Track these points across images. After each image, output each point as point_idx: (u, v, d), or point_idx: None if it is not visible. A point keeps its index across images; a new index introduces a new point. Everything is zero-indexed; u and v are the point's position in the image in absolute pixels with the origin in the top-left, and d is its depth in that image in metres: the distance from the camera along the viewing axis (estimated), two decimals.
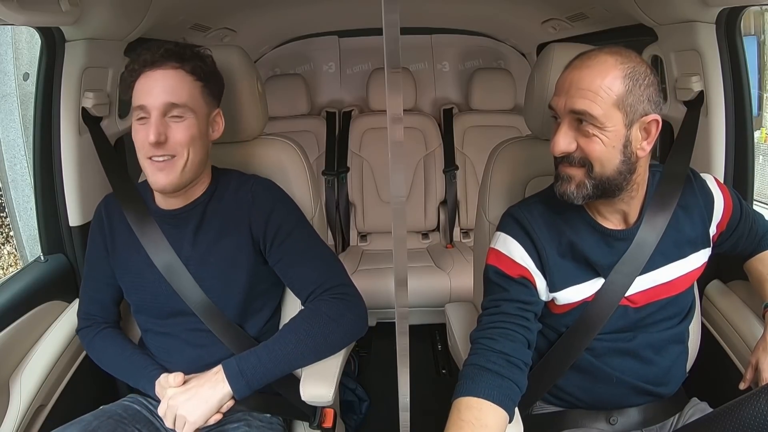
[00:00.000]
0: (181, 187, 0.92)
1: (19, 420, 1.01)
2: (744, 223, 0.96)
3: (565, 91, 0.79)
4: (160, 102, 0.87)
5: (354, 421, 1.64)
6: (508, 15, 2.00)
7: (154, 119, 0.86)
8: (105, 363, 1.01)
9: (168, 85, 0.87)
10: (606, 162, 0.79)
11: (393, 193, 0.52)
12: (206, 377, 0.89)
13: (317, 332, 0.92)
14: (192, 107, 0.89)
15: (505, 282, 0.87)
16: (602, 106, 0.76)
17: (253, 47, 2.18)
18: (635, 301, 0.88)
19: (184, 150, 0.89)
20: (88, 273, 1.05)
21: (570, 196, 0.82)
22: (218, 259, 0.96)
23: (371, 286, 1.82)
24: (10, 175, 2.12)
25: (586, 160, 0.79)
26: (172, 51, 0.89)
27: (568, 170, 0.81)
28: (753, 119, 1.17)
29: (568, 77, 0.79)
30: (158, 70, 0.88)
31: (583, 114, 0.77)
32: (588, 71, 0.77)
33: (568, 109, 0.78)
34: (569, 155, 0.80)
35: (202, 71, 0.91)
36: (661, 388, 0.92)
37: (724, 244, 0.97)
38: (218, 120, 0.97)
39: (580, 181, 0.80)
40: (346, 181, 2.25)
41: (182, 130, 0.88)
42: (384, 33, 0.42)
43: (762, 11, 3.14)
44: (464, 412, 0.76)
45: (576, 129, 0.79)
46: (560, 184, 0.83)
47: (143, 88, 0.88)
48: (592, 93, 0.76)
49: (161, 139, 0.86)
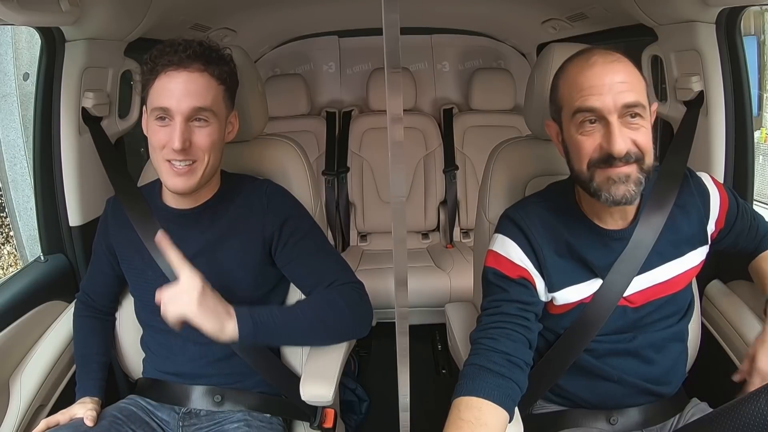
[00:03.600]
0: (197, 189, 0.92)
1: (19, 420, 1.01)
2: (742, 219, 0.95)
3: (607, 89, 0.76)
4: (186, 106, 0.85)
5: (354, 421, 1.64)
6: (508, 15, 2.00)
7: (179, 124, 0.85)
8: (75, 345, 1.08)
9: (194, 89, 0.85)
10: (650, 152, 0.79)
11: (393, 193, 0.52)
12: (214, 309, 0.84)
13: (332, 315, 0.92)
14: (216, 111, 0.88)
15: (505, 283, 0.87)
16: (642, 94, 0.78)
17: (253, 47, 2.18)
18: (633, 301, 0.88)
19: (206, 155, 0.88)
20: (93, 259, 1.08)
21: (630, 199, 0.78)
22: (225, 259, 0.96)
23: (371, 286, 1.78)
24: (10, 175, 2.12)
25: (639, 155, 0.78)
26: (199, 52, 0.86)
27: (625, 170, 0.77)
28: (753, 119, 1.17)
29: (599, 75, 0.77)
30: (184, 71, 0.85)
31: (635, 106, 0.77)
32: (620, 65, 0.78)
33: (621, 104, 0.76)
34: (627, 153, 0.77)
35: (226, 75, 0.90)
36: (661, 387, 0.92)
37: (723, 241, 0.96)
38: (234, 121, 0.96)
39: (635, 178, 0.78)
40: (346, 181, 2.25)
41: (205, 135, 0.87)
42: (384, 33, 0.42)
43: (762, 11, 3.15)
44: (464, 412, 0.76)
45: (625, 125, 0.78)
46: (615, 188, 0.78)
47: (166, 88, 0.85)
48: (634, 83, 0.78)
49: (186, 145, 0.85)
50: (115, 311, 1.12)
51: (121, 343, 1.12)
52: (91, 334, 1.07)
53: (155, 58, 0.86)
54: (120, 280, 1.05)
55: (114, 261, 1.03)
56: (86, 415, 0.90)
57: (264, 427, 0.97)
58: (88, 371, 1.02)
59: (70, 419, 0.91)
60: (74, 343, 1.08)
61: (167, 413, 0.99)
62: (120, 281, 1.06)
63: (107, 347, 1.08)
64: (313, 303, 0.94)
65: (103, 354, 1.06)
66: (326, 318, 0.93)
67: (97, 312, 1.09)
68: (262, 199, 0.98)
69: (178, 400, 0.99)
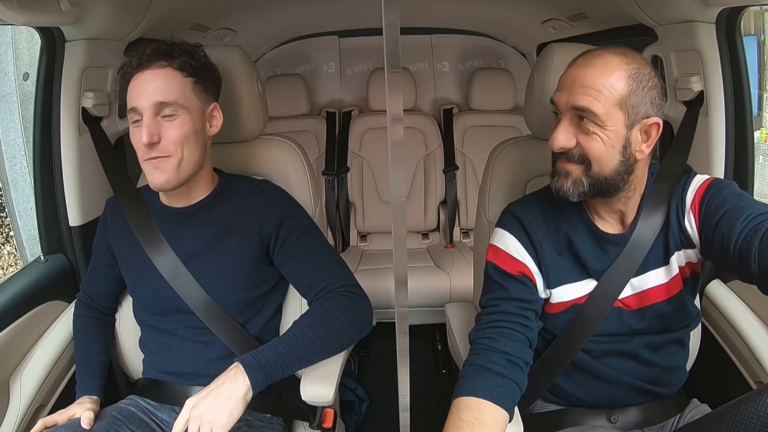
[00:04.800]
0: (179, 184, 0.92)
1: (19, 420, 1.01)
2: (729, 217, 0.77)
3: (568, 87, 0.79)
4: (150, 102, 0.86)
5: (354, 421, 1.64)
6: (508, 15, 2.00)
7: (146, 120, 0.86)
8: (75, 344, 1.08)
9: (157, 85, 0.87)
10: (604, 161, 0.78)
11: (393, 193, 0.52)
12: (223, 377, 0.85)
13: (333, 329, 0.92)
14: (183, 104, 0.89)
15: (504, 280, 0.87)
16: (604, 104, 0.76)
17: (253, 47, 2.18)
18: (628, 304, 0.88)
19: (178, 149, 0.88)
20: (93, 259, 1.09)
21: (566, 193, 0.81)
22: (222, 258, 0.96)
23: (371, 286, 1.79)
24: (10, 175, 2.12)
25: (585, 158, 0.79)
26: (159, 50, 0.89)
27: (565, 166, 0.81)
28: (753, 119, 1.17)
29: (571, 74, 0.79)
30: (147, 70, 0.88)
31: (584, 111, 0.77)
32: (592, 69, 0.77)
33: (570, 105, 0.78)
34: (568, 151, 0.80)
35: (192, 67, 0.91)
36: (661, 388, 0.92)
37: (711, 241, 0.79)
38: (216, 115, 0.96)
39: (576, 177, 0.80)
40: (346, 181, 2.25)
41: (174, 128, 0.88)
42: (384, 33, 0.42)
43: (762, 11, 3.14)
44: (463, 412, 0.76)
45: (576, 126, 0.79)
46: (557, 180, 0.82)
47: (134, 90, 0.88)
48: (596, 91, 0.76)
49: (154, 139, 0.86)
50: (115, 311, 1.12)
51: (121, 344, 1.12)
52: (92, 334, 1.07)
53: (125, 66, 0.89)
54: (120, 280, 1.05)
55: (114, 261, 1.04)
56: (83, 415, 0.90)
57: (264, 427, 0.97)
58: (87, 370, 1.02)
59: (68, 419, 0.91)
60: (74, 343, 1.08)
61: (167, 413, 0.99)
62: (120, 281, 1.06)
63: (107, 347, 1.08)
64: (311, 322, 0.93)
65: (103, 354, 1.06)
66: (331, 336, 0.92)
67: (97, 312, 1.09)
68: (259, 199, 0.98)
69: (178, 401, 0.98)
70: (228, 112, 1.01)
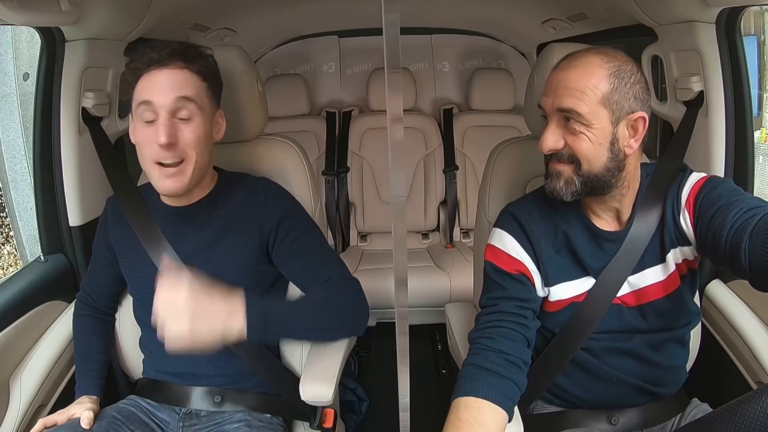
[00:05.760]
0: (189, 190, 0.92)
1: (19, 420, 1.01)
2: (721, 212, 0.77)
3: (552, 91, 0.81)
4: (171, 98, 0.85)
5: (354, 421, 1.64)
6: (508, 15, 2.00)
7: (163, 119, 0.85)
8: (75, 344, 1.08)
9: (176, 82, 0.86)
10: (593, 159, 0.80)
11: (393, 193, 0.52)
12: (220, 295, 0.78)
13: (331, 310, 0.92)
14: (200, 105, 0.89)
15: (502, 279, 0.88)
16: (588, 104, 0.78)
17: (253, 47, 2.18)
18: (627, 301, 0.88)
19: (194, 152, 0.88)
20: (93, 258, 1.08)
21: (559, 193, 0.83)
22: (222, 257, 0.96)
23: (371, 286, 1.80)
24: (10, 175, 2.12)
25: (574, 158, 0.81)
26: (178, 50, 0.88)
27: (557, 167, 0.83)
28: (753, 119, 1.16)
29: (555, 77, 0.81)
30: (164, 69, 0.86)
31: (569, 112, 0.79)
32: (574, 71, 0.79)
33: (556, 107, 0.80)
34: (558, 152, 0.82)
35: (207, 71, 0.91)
36: (661, 388, 0.92)
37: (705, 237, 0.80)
38: (220, 121, 0.97)
39: (568, 177, 0.82)
40: (346, 181, 2.25)
41: (191, 131, 0.87)
42: (384, 33, 0.42)
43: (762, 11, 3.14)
44: (463, 412, 0.76)
45: (564, 127, 0.81)
46: (550, 181, 0.84)
47: (148, 85, 0.86)
48: (579, 92, 0.78)
49: (172, 140, 0.85)
50: (115, 311, 1.12)
51: (121, 344, 1.12)
52: (92, 334, 1.07)
53: (136, 60, 0.88)
54: (120, 280, 1.05)
55: (114, 260, 1.03)
56: (83, 415, 0.90)
57: (264, 428, 0.97)
58: (87, 370, 1.02)
59: (68, 419, 0.91)
60: (74, 343, 1.08)
61: (167, 414, 0.99)
62: (120, 281, 1.06)
63: (107, 347, 1.08)
64: (314, 299, 0.94)
65: (103, 353, 1.06)
66: (327, 314, 0.92)
67: (97, 312, 1.09)
68: (259, 197, 0.98)
69: (178, 401, 0.99)
70: (228, 112, 1.01)
